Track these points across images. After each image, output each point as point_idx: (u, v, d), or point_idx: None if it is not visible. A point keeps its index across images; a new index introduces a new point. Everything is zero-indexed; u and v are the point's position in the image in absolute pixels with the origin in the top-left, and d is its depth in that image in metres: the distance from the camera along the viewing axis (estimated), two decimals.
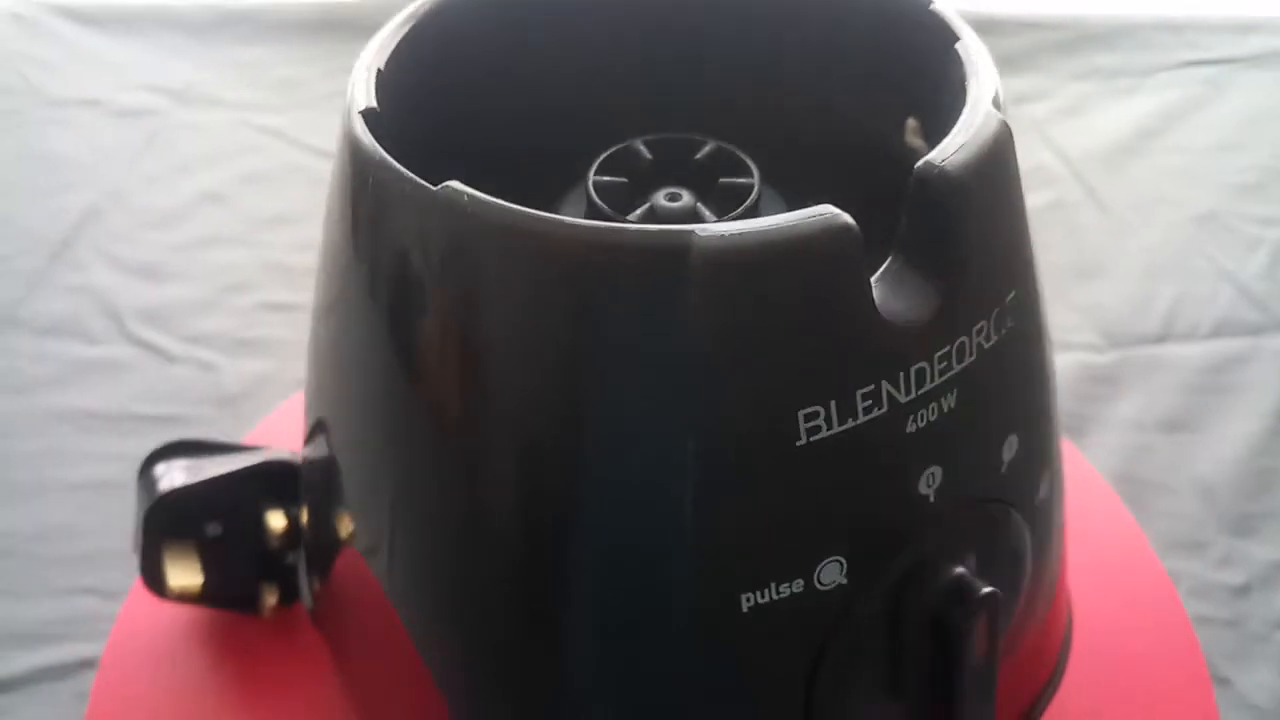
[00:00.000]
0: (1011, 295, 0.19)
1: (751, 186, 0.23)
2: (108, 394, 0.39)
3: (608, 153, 0.23)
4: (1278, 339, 0.41)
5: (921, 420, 0.18)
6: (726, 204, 0.23)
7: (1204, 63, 0.54)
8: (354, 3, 0.57)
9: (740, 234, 0.17)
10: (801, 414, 0.17)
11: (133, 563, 0.33)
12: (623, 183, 0.23)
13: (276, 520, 0.27)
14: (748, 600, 0.18)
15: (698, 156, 0.24)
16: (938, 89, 0.21)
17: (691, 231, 0.17)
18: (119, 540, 0.34)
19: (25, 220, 0.46)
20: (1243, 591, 0.33)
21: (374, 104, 0.20)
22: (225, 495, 0.27)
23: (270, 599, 0.29)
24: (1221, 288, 0.43)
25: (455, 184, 0.18)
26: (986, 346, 0.19)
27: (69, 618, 0.32)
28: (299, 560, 0.28)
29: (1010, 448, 0.20)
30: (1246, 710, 0.30)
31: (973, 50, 0.21)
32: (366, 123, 0.20)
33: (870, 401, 0.18)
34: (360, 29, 0.57)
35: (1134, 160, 0.49)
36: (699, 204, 0.23)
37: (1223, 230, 0.46)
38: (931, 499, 0.19)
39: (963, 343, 0.18)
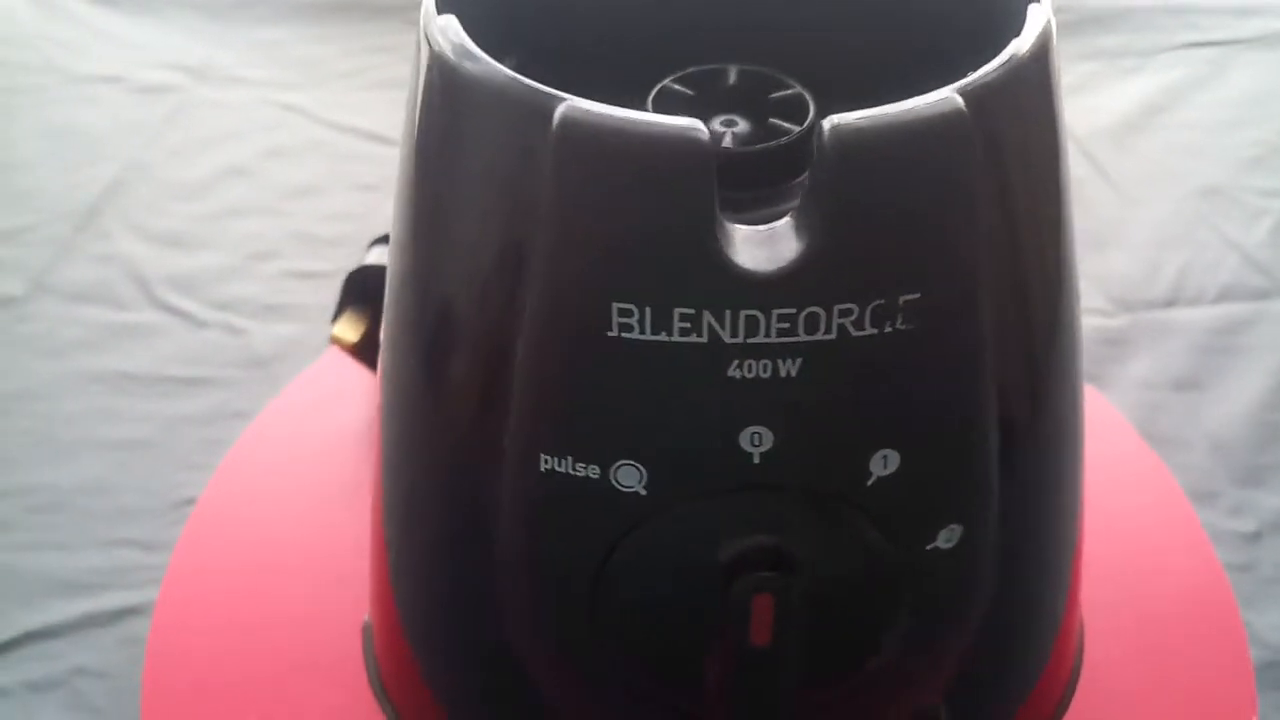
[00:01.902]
0: (913, 298, 0.18)
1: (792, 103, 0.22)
2: (140, 357, 0.39)
3: (661, 85, 0.23)
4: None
5: (749, 371, 0.18)
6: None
7: (1205, 44, 0.56)
8: None
9: (611, 118, 0.17)
10: (616, 306, 0.17)
11: (169, 517, 0.34)
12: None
13: None
14: (545, 461, 0.19)
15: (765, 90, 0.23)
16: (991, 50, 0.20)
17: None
18: (155, 496, 0.35)
19: (51, 192, 0.46)
20: (1254, 538, 0.34)
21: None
22: None
23: None
24: (1227, 256, 0.44)
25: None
26: (855, 335, 0.18)
27: (112, 568, 0.33)
28: None
29: (884, 464, 0.19)
30: (1263, 648, 0.31)
31: (1033, 19, 0.20)
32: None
33: (688, 324, 0.17)
34: (377, 9, 0.59)
35: (1139, 136, 0.51)
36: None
37: (1228, 202, 0.47)
38: (756, 460, 0.18)
39: (814, 314, 0.18)
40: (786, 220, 0.18)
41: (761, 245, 0.17)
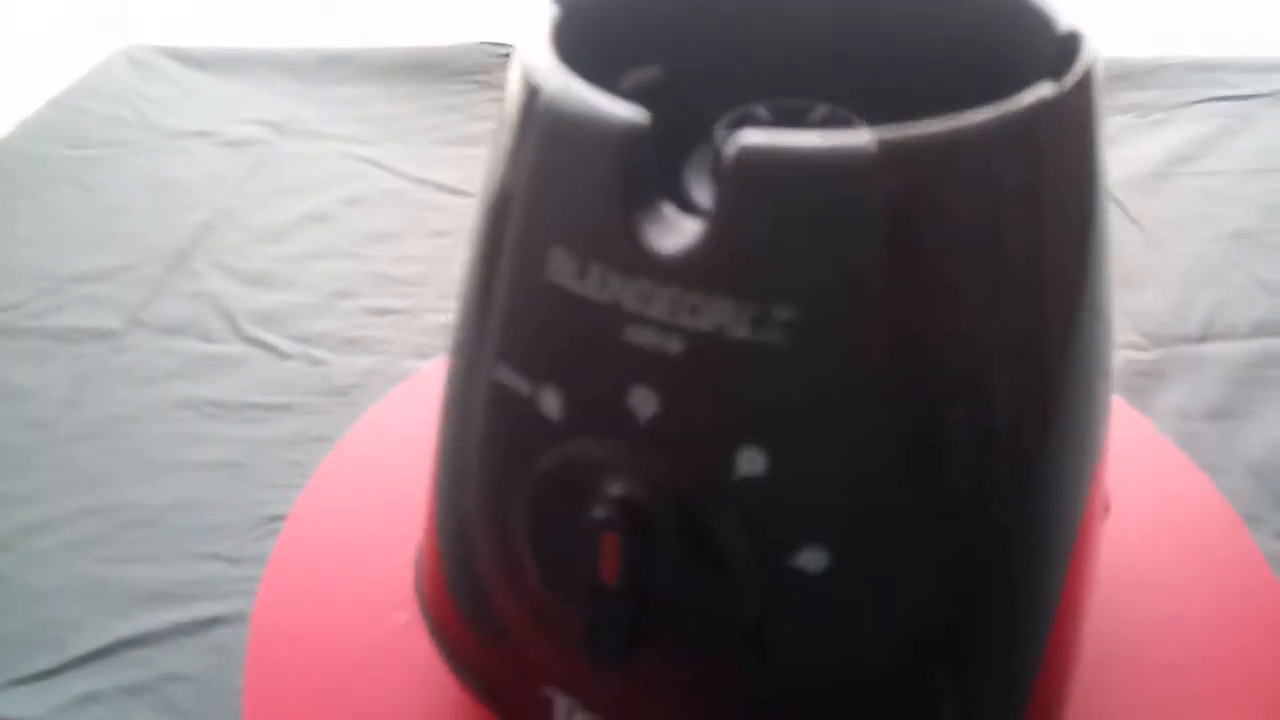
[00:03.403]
0: (784, 310, 0.19)
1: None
2: (226, 386, 0.41)
3: (730, 114, 0.25)
4: None
5: (638, 337, 0.20)
6: None
7: (1233, 98, 0.57)
8: (444, 46, 0.61)
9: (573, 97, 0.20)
10: (552, 251, 0.20)
11: (254, 532, 0.36)
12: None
13: None
14: (494, 372, 0.22)
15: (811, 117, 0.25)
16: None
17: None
18: (240, 513, 0.37)
19: (146, 236, 0.49)
20: None
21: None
22: None
23: None
24: (1258, 294, 0.45)
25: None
26: (731, 336, 0.19)
27: (201, 579, 0.34)
28: None
29: (749, 463, 0.20)
30: None
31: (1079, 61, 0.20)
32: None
33: (594, 280, 0.20)
34: (451, 70, 0.62)
35: (1169, 184, 0.52)
36: None
37: (1256, 245, 0.48)
38: (639, 418, 0.20)
39: (694, 304, 0.19)
40: (702, 220, 0.19)
41: (672, 231, 0.20)
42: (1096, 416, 0.23)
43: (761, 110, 0.23)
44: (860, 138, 0.18)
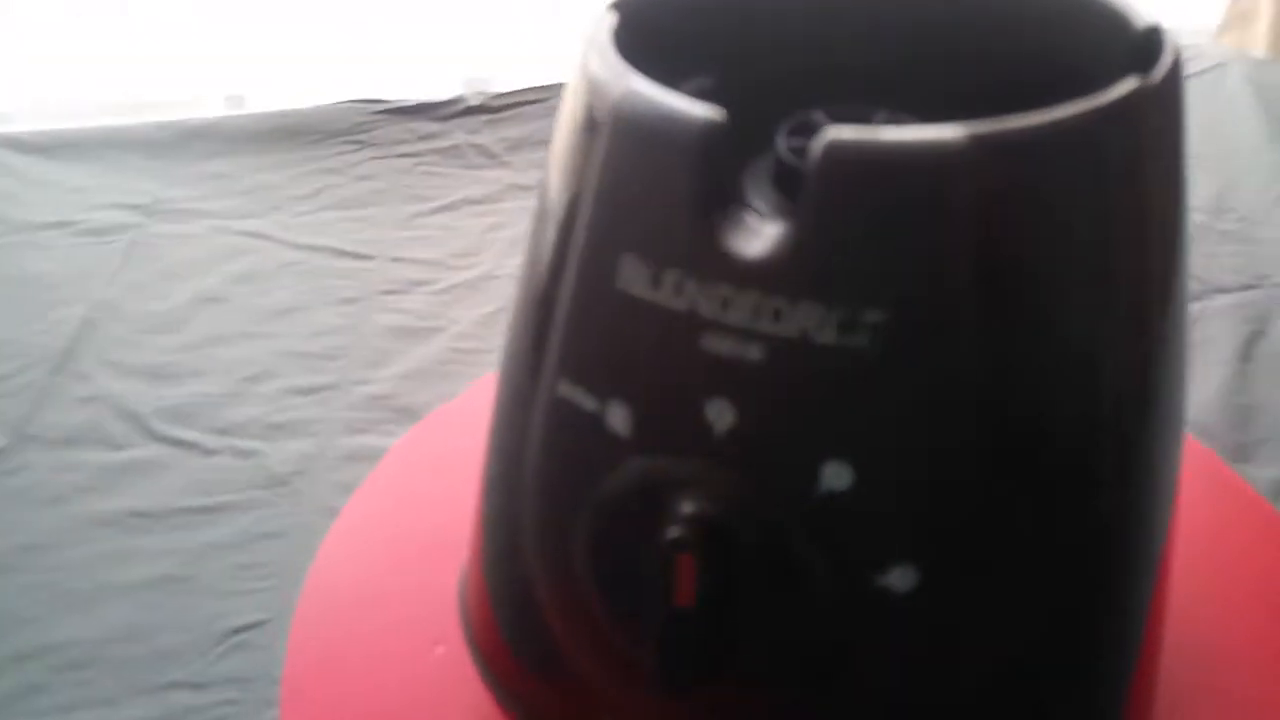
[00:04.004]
0: (873, 314, 0.18)
1: None
2: (147, 494, 0.37)
3: (790, 123, 0.24)
4: (1218, 300, 0.46)
5: (719, 347, 0.19)
6: None
7: None
8: (314, 108, 0.59)
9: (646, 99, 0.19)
10: (623, 258, 0.20)
11: (215, 651, 0.32)
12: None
13: None
14: (562, 387, 0.21)
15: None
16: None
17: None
18: (193, 631, 0.33)
19: (18, 340, 0.44)
20: None
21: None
22: None
23: None
24: None
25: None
26: (818, 342, 0.18)
27: (167, 714, 0.30)
28: None
29: (836, 478, 0.19)
30: None
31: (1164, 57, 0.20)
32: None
33: (668, 286, 0.19)
34: (325, 133, 0.60)
35: None
36: None
37: None
38: (715, 432, 0.19)
39: (779, 308, 0.18)
40: (784, 221, 0.19)
41: (751, 234, 0.19)
42: (1180, 420, 0.23)
43: (820, 116, 0.22)
44: (951, 131, 0.17)
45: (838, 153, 0.18)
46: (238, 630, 0.33)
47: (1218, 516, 0.34)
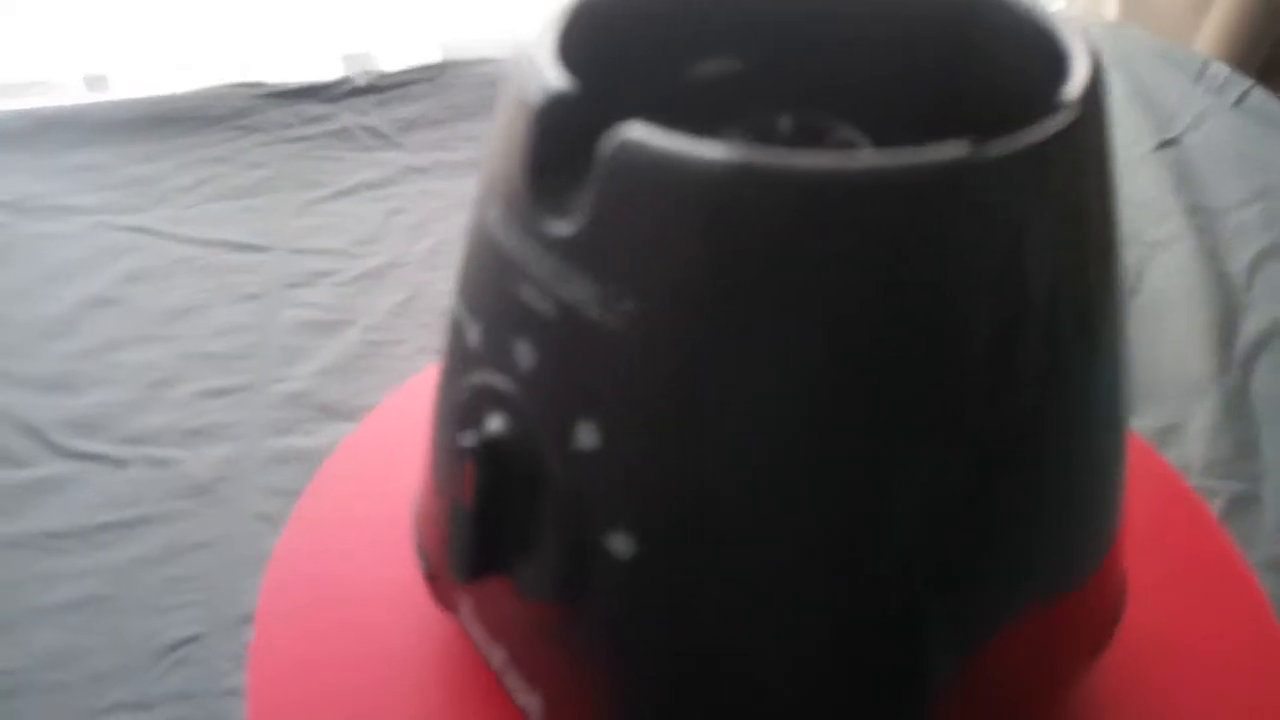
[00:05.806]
0: (628, 302, 0.20)
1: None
2: (61, 511, 0.36)
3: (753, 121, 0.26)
4: None
5: (529, 296, 0.22)
6: None
7: None
8: (191, 93, 0.56)
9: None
10: (492, 203, 0.23)
11: (156, 668, 0.32)
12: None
13: None
14: (457, 309, 0.26)
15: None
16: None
17: None
18: (129, 651, 0.32)
19: None
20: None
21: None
22: None
23: None
24: None
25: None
26: (585, 315, 0.20)
27: None
28: None
29: (586, 436, 0.21)
30: None
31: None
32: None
33: (512, 238, 0.22)
34: (205, 119, 0.57)
35: None
36: None
37: None
38: (520, 367, 0.22)
39: (567, 277, 0.21)
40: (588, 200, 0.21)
41: (561, 207, 0.21)
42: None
43: (785, 120, 0.24)
44: (725, 153, 0.19)
45: (625, 153, 0.19)
46: (175, 645, 0.32)
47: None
